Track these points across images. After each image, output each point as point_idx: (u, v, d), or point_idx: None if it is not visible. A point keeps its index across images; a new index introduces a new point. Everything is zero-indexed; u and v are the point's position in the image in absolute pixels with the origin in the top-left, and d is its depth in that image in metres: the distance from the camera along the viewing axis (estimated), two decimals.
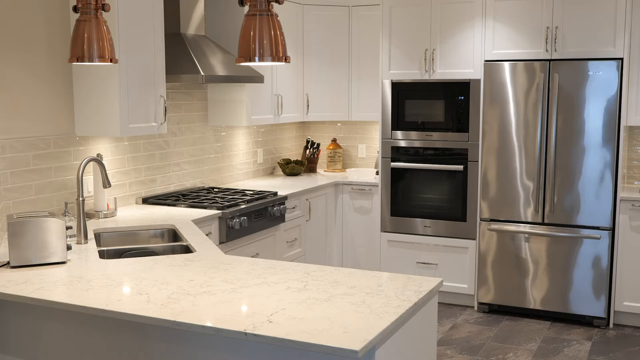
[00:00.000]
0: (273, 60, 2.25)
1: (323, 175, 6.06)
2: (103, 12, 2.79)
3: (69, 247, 3.03)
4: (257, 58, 2.24)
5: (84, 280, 2.72)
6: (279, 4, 2.23)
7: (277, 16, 2.28)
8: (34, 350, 2.72)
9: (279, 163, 6.06)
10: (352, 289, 2.57)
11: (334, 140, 6.32)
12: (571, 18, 4.86)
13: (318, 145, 6.26)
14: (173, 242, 3.69)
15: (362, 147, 6.37)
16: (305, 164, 6.18)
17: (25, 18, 3.63)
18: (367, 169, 6.26)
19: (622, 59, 4.76)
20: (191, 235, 3.59)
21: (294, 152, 6.45)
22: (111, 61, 2.83)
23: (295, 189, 5.21)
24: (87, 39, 2.73)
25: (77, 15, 2.78)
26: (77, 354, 2.61)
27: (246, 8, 2.26)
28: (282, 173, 6.10)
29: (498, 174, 5.14)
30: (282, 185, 5.39)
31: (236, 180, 5.61)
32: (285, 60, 2.27)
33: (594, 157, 4.86)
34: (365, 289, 2.56)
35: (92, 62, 2.78)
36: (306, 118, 5.93)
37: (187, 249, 3.39)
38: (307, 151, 6.25)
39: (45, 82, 3.80)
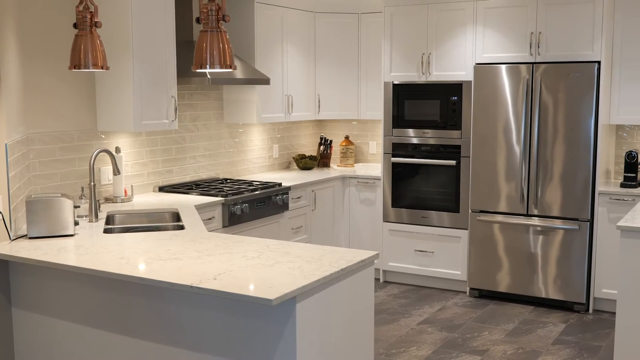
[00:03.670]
0: (221, 67, 2.78)
1: (334, 170, 6.55)
2: (97, 28, 3.38)
3: (76, 223, 3.63)
4: (208, 66, 2.77)
5: (83, 249, 3.31)
6: (226, 22, 2.75)
7: (226, 32, 2.80)
8: (40, 304, 3.32)
9: (293, 158, 6.59)
10: (297, 258, 3.07)
11: (347, 137, 6.81)
12: (553, 24, 5.23)
13: (331, 141, 6.76)
14: (174, 222, 4.26)
15: (372, 144, 6.85)
16: (318, 159, 6.69)
17: (53, 33, 4.25)
18: (375, 164, 6.74)
19: (599, 62, 5.11)
20: (188, 217, 4.16)
21: (310, 148, 6.97)
22: (102, 68, 3.43)
23: (303, 181, 5.73)
24: (83, 50, 3.33)
25: (76, 31, 3.39)
26: (71, 306, 3.21)
27: (200, 25, 2.79)
28: (296, 167, 6.63)
29: (487, 169, 5.54)
30: (294, 178, 5.91)
31: (251, 173, 6.17)
32: (231, 67, 2.79)
33: (574, 153, 5.21)
34: (307, 258, 3.06)
35: (88, 69, 3.38)
36: (317, 117, 6.44)
37: (181, 228, 3.95)
38: (321, 147, 6.76)
39: (70, 86, 4.42)
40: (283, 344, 2.65)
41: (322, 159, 6.77)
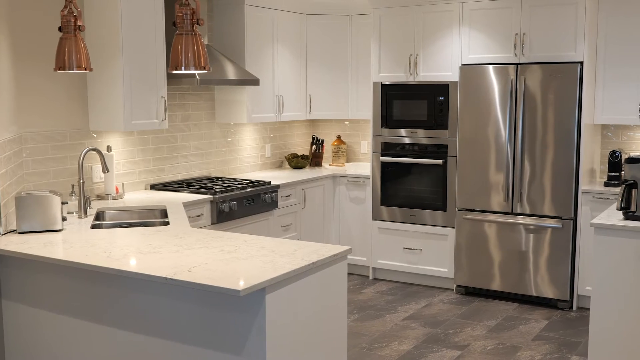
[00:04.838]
0: (196, 69, 2.90)
1: (326, 169, 6.67)
2: (80, 31, 3.51)
3: (64, 219, 3.76)
4: (183, 67, 2.89)
5: (69, 243, 3.43)
6: (200, 25, 2.87)
7: (200, 35, 2.92)
8: (28, 296, 3.45)
9: (286, 157, 6.71)
10: (271, 252, 3.18)
11: (339, 137, 6.92)
12: (537, 25, 5.33)
13: (322, 141, 6.88)
14: (161, 218, 4.38)
15: (364, 143, 6.96)
16: (310, 159, 6.81)
17: (45, 35, 4.38)
18: (367, 163, 6.85)
19: (582, 63, 5.20)
20: (174, 213, 4.28)
21: (302, 147, 7.09)
22: (86, 70, 3.56)
23: (292, 180, 5.85)
24: (67, 52, 3.46)
25: (61, 34, 3.52)
26: (56, 298, 3.34)
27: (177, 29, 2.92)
28: (288, 167, 6.75)
29: (472, 168, 5.65)
30: (285, 177, 6.03)
31: (243, 172, 6.29)
32: (205, 69, 2.92)
33: (557, 152, 5.31)
34: (281, 252, 3.17)
35: (72, 70, 3.51)
36: (308, 117, 6.56)
37: (167, 224, 4.07)
38: (313, 147, 6.88)
39: (62, 86, 4.55)
40: (254, 334, 2.77)
41: (314, 158, 6.89)
